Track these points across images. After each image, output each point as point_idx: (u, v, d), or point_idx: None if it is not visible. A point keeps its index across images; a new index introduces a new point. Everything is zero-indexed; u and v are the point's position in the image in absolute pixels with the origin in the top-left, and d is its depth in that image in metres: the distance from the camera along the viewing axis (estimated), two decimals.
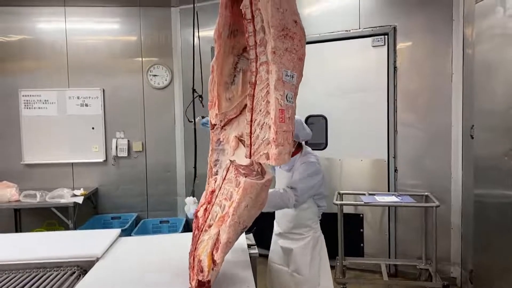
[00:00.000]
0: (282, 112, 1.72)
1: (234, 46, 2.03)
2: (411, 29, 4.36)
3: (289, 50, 1.75)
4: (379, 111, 4.49)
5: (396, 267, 4.52)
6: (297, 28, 1.78)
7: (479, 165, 3.67)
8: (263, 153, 1.77)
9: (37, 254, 2.26)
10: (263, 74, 1.77)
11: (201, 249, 1.77)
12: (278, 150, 1.71)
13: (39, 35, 5.42)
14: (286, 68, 1.74)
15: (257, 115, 1.80)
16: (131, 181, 5.60)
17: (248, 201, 1.74)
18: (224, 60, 2.02)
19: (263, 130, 1.77)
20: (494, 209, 3.40)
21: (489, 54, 3.51)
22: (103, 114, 5.50)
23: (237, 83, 2.05)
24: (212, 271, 1.71)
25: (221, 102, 2.03)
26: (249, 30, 1.78)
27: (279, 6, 1.72)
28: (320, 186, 2.72)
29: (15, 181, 4.96)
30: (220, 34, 1.95)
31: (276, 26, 1.71)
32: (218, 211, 1.81)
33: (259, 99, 1.79)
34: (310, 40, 4.85)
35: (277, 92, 1.71)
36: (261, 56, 1.77)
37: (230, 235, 1.72)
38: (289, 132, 1.75)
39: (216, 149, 2.07)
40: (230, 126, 2.06)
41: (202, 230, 1.84)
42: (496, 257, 3.37)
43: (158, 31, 5.59)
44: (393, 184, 4.48)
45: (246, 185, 1.73)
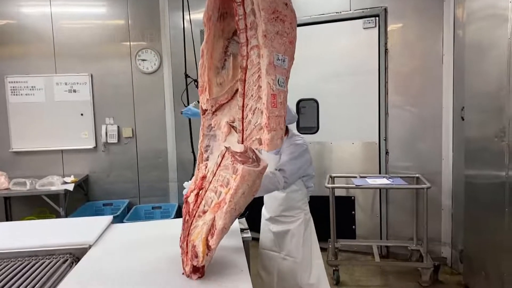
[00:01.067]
0: (274, 97, 1.69)
1: (224, 29, 1.99)
2: (402, 10, 4.34)
3: (280, 33, 1.72)
4: (370, 93, 4.49)
5: (388, 248, 4.58)
6: (287, 11, 1.75)
7: (470, 147, 3.69)
8: (256, 138, 1.75)
9: (29, 242, 2.25)
10: (254, 58, 1.74)
11: (195, 235, 1.77)
12: (271, 135, 1.70)
13: (24, 19, 5.30)
14: (277, 51, 1.71)
15: (249, 100, 1.78)
16: (122, 167, 5.57)
17: (245, 188, 1.74)
18: (214, 44, 1.98)
19: (255, 115, 1.75)
20: (484, 190, 3.44)
21: (479, 35, 3.51)
22: (92, 100, 5.42)
23: (228, 68, 2.02)
24: (206, 256, 1.71)
25: (212, 87, 1.99)
26: (239, 13, 1.75)
27: None
28: (308, 167, 2.72)
29: (4, 169, 4.90)
30: (209, 17, 1.91)
31: (267, 9, 1.67)
32: (213, 197, 1.80)
33: (250, 83, 1.76)
34: (300, 23, 4.79)
35: (268, 76, 1.68)
36: (252, 40, 1.74)
37: (226, 221, 1.72)
38: (281, 117, 1.74)
39: (207, 135, 2.05)
40: (221, 111, 2.03)
41: (194, 215, 1.83)
42: (485, 237, 3.42)
43: (146, 14, 5.49)
44: (384, 166, 4.50)
45: (244, 172, 1.71)
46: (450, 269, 4.23)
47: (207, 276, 1.78)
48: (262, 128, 1.71)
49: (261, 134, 1.72)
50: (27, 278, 1.85)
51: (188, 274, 1.75)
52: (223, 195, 1.75)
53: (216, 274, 1.81)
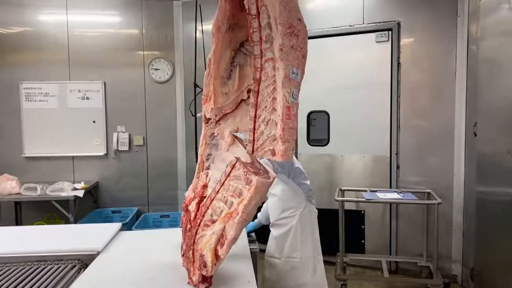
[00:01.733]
0: (289, 109, 1.72)
1: (232, 40, 2.02)
2: (415, 25, 4.33)
3: (295, 47, 1.75)
4: (382, 107, 4.47)
5: (397, 264, 4.52)
6: (301, 26, 1.79)
7: (482, 163, 3.65)
8: (268, 149, 1.77)
9: (38, 247, 2.26)
10: (269, 71, 1.77)
11: (202, 244, 1.76)
12: (285, 147, 1.72)
13: (41, 27, 5.39)
14: (292, 65, 1.74)
15: (262, 111, 1.80)
16: (132, 175, 5.59)
17: (257, 200, 1.74)
18: (221, 54, 2.00)
19: (268, 126, 1.78)
20: (496, 207, 3.39)
21: (493, 51, 3.49)
22: (104, 108, 5.47)
23: (234, 78, 2.04)
24: (215, 266, 1.70)
25: (217, 96, 2.02)
26: (254, 26, 1.78)
27: (286, 4, 1.72)
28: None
29: (16, 173, 4.95)
30: (219, 27, 1.94)
31: (284, 24, 1.71)
32: (223, 207, 1.79)
33: (264, 95, 1.79)
34: (313, 35, 4.85)
35: (284, 89, 1.71)
36: (267, 53, 1.78)
37: (237, 232, 1.71)
38: (294, 129, 1.76)
39: (209, 144, 2.06)
40: (225, 121, 2.05)
41: (199, 224, 1.83)
42: (497, 255, 3.36)
43: (160, 24, 5.56)
44: (395, 180, 4.46)
45: (258, 183, 1.71)
46: (461, 287, 4.15)
47: (214, 286, 1.77)
48: (276, 139, 1.73)
49: (274, 145, 1.74)
50: (35, 283, 1.85)
51: (196, 284, 1.74)
52: (235, 205, 1.74)
53: (223, 284, 1.81)
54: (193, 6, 5.36)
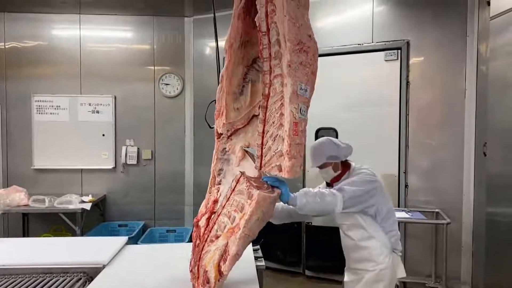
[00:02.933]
0: (296, 125, 1.73)
1: (244, 57, 2.05)
2: (424, 43, 4.35)
3: (304, 64, 1.77)
4: (391, 125, 4.46)
5: (405, 284, 4.44)
6: (311, 42, 1.81)
7: (492, 183, 3.61)
8: (275, 165, 1.77)
9: (44, 259, 2.27)
10: (277, 87, 1.79)
11: (207, 260, 1.76)
12: (292, 163, 1.72)
13: (54, 41, 5.49)
14: (300, 81, 1.76)
15: (270, 126, 1.81)
16: (140, 189, 5.60)
17: (260, 215, 1.73)
18: (233, 70, 2.03)
19: (275, 142, 1.78)
20: (507, 228, 3.34)
21: (503, 71, 3.48)
22: (114, 121, 5.52)
23: (246, 94, 2.06)
24: (218, 282, 1.70)
25: (229, 111, 2.03)
26: (264, 43, 1.80)
27: (295, 21, 1.75)
28: (374, 196, 2.38)
29: (25, 185, 4.98)
30: (231, 44, 1.98)
31: (292, 40, 1.73)
32: (226, 222, 1.79)
33: (272, 111, 1.80)
34: (322, 53, 4.83)
35: (291, 105, 1.73)
36: (276, 69, 1.79)
37: (240, 248, 1.71)
38: (301, 145, 1.77)
39: (221, 159, 2.08)
40: (237, 136, 2.06)
41: (206, 240, 1.83)
42: (507, 277, 3.30)
43: (171, 40, 5.63)
44: (403, 199, 4.42)
45: (260, 198, 1.72)
46: None
47: None
48: (283, 155, 1.73)
49: (281, 161, 1.74)
50: None
51: None
52: (237, 220, 1.74)
53: None
54: (204, 23, 5.45)
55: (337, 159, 2.52)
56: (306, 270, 4.85)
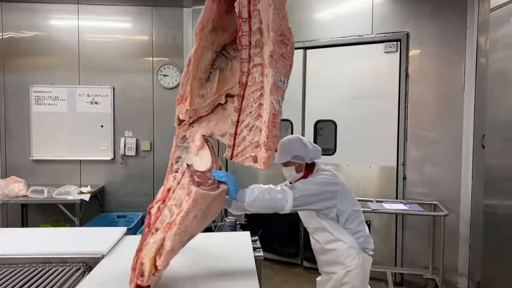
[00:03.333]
0: (275, 116, 1.72)
1: (214, 42, 1.98)
2: (424, 36, 4.33)
3: (284, 55, 1.76)
4: (390, 117, 4.46)
5: (402, 275, 4.47)
6: (290, 35, 1.80)
7: (490, 175, 3.62)
8: (250, 155, 1.74)
9: (43, 249, 2.27)
10: (257, 76, 1.75)
11: (145, 252, 1.72)
12: (268, 154, 1.70)
13: (52, 32, 5.45)
14: (280, 73, 1.74)
15: (246, 116, 1.78)
16: (138, 180, 5.60)
17: (198, 212, 1.69)
18: (202, 55, 1.95)
19: (252, 132, 1.75)
20: (504, 220, 3.35)
21: (503, 64, 3.47)
22: (113, 113, 5.51)
23: (212, 81, 2.00)
24: (153, 277, 1.66)
25: (193, 98, 1.96)
26: (244, 30, 1.76)
27: (279, 11, 1.71)
28: (332, 199, 2.26)
29: (23, 176, 4.98)
30: (202, 28, 1.89)
31: (276, 30, 1.70)
32: (167, 215, 1.75)
33: (250, 100, 1.77)
34: (321, 44, 4.88)
35: (272, 96, 1.70)
36: (256, 58, 1.76)
37: (175, 244, 1.67)
38: (277, 137, 1.76)
39: (180, 146, 2.01)
40: (199, 124, 2.00)
41: (151, 230, 1.79)
42: (504, 269, 3.32)
43: (169, 31, 5.60)
44: (402, 191, 4.44)
45: (197, 195, 1.67)
46: None
47: None
48: (259, 146, 1.70)
49: (257, 151, 1.71)
50: (40, 284, 1.86)
51: None
52: (174, 216, 1.70)
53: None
54: None
55: (302, 160, 2.36)
56: (304, 261, 4.88)
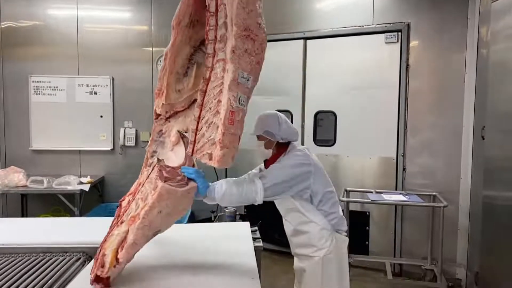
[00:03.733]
0: (233, 114, 1.68)
1: (192, 37, 1.97)
2: (425, 26, 4.31)
3: (249, 52, 1.71)
4: (390, 108, 4.45)
5: (401, 266, 4.50)
6: (259, 31, 1.74)
7: (489, 167, 3.63)
8: (207, 152, 1.72)
9: (43, 239, 2.28)
10: (219, 72, 1.73)
11: (108, 243, 1.72)
12: (223, 152, 1.67)
13: (50, 21, 5.41)
14: (243, 69, 1.70)
15: (206, 112, 1.75)
16: (138, 170, 5.43)
17: (163, 207, 1.67)
18: (179, 49, 1.94)
19: (210, 129, 1.73)
20: (503, 212, 3.36)
21: (504, 55, 3.46)
22: (112, 103, 5.49)
23: (190, 76, 1.99)
24: (113, 269, 1.66)
25: (170, 92, 1.95)
26: (211, 24, 1.74)
27: (245, 6, 1.67)
28: (305, 180, 2.22)
29: (23, 166, 4.97)
30: (179, 21, 1.88)
31: (239, 25, 1.67)
32: (133, 208, 1.75)
33: (210, 96, 1.74)
34: (322, 35, 4.85)
35: (230, 92, 1.67)
36: (219, 53, 1.73)
37: (137, 238, 1.66)
38: (236, 135, 1.72)
39: (156, 140, 2.01)
40: (175, 119, 1.99)
41: (117, 223, 1.79)
42: (503, 260, 3.34)
43: (169, 21, 5.50)
44: (401, 182, 4.45)
45: (162, 190, 1.66)
46: None
47: (218, 282, 1.78)
48: (215, 143, 1.68)
49: (213, 149, 1.69)
50: (40, 273, 1.87)
51: (91, 282, 1.70)
52: (138, 210, 1.69)
53: (226, 280, 1.81)
54: None
55: (273, 137, 2.28)
56: None
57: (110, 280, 1.68)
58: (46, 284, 1.77)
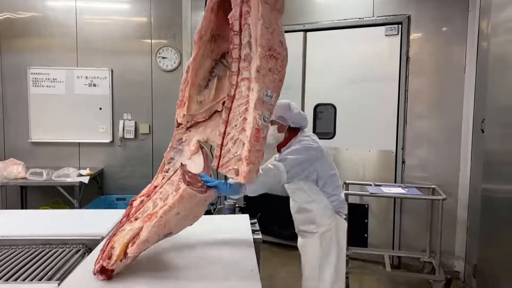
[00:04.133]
0: (258, 131, 1.75)
1: (214, 50, 2.04)
2: (425, 19, 4.29)
3: (272, 70, 1.78)
4: (389, 101, 4.44)
5: (400, 258, 4.52)
6: (281, 49, 1.81)
7: (489, 160, 3.63)
8: (233, 168, 1.79)
9: (43, 230, 2.28)
10: (244, 90, 1.79)
11: (118, 237, 1.75)
12: (249, 168, 1.74)
13: (49, 12, 5.38)
14: (267, 87, 1.77)
15: (232, 129, 1.82)
16: (137, 163, 5.60)
17: (181, 210, 1.72)
18: (201, 63, 2.02)
19: (235, 145, 1.80)
20: (502, 205, 3.36)
21: (504, 48, 3.44)
22: (111, 95, 5.47)
23: (211, 88, 2.06)
24: (119, 262, 1.68)
25: (191, 103, 2.03)
26: (235, 43, 1.80)
27: (268, 26, 1.74)
28: (313, 165, 2.41)
29: (22, 158, 4.97)
30: (201, 36, 1.96)
31: (264, 46, 1.73)
32: (149, 207, 1.79)
33: (236, 113, 1.81)
34: (322, 27, 4.83)
35: (256, 111, 1.74)
36: (244, 72, 1.79)
37: (151, 235, 1.70)
38: (261, 151, 1.80)
39: (175, 148, 2.08)
40: (196, 129, 2.06)
41: (129, 219, 1.83)
42: (501, 253, 3.34)
43: (168, 13, 5.53)
44: (400, 175, 4.45)
45: (185, 193, 1.71)
46: (463, 283, 4.15)
47: (217, 274, 1.79)
48: (242, 160, 1.75)
49: (239, 165, 1.76)
50: (40, 265, 1.88)
51: (95, 272, 1.72)
52: (157, 209, 1.74)
53: (226, 272, 1.81)
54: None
55: (285, 121, 2.50)
56: None
57: (113, 273, 1.70)
58: (46, 276, 1.77)
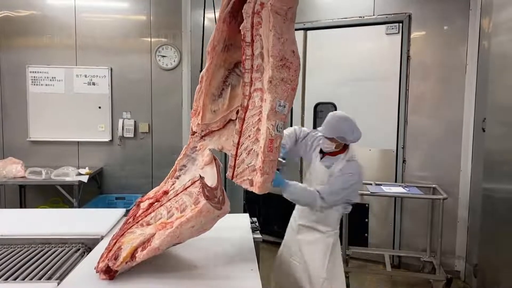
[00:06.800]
0: (272, 142, 1.76)
1: (226, 60, 2.05)
2: (426, 17, 4.28)
3: (285, 80, 1.78)
4: (390, 100, 4.43)
5: (400, 258, 4.51)
6: (294, 58, 1.82)
7: (490, 159, 3.62)
8: (247, 178, 1.81)
9: (42, 230, 2.27)
10: (257, 101, 1.80)
11: (127, 239, 1.75)
12: (263, 179, 1.76)
13: (48, 11, 5.35)
14: (280, 98, 1.77)
15: (245, 139, 1.83)
16: (137, 162, 5.58)
17: (197, 223, 1.72)
18: (214, 72, 2.02)
19: (249, 155, 1.81)
20: (503, 204, 3.36)
21: (506, 47, 3.44)
22: (110, 94, 5.45)
23: (224, 97, 2.06)
24: (125, 264, 1.68)
25: (206, 113, 2.04)
26: (247, 54, 1.81)
27: (280, 36, 1.74)
28: (352, 194, 2.66)
29: (21, 157, 4.95)
30: (214, 47, 1.96)
31: (276, 56, 1.74)
32: (164, 215, 1.79)
33: (249, 124, 1.82)
34: (322, 26, 4.81)
35: (269, 122, 1.75)
36: (256, 82, 1.80)
37: (163, 244, 1.70)
38: (274, 161, 1.81)
39: (188, 155, 2.08)
40: (210, 137, 2.06)
41: (138, 221, 1.83)
42: (502, 252, 3.34)
43: (168, 11, 5.50)
44: (401, 175, 4.44)
45: (204, 208, 1.70)
46: (463, 283, 4.15)
47: (217, 272, 1.78)
48: (256, 170, 1.76)
49: (253, 175, 1.77)
50: (39, 264, 1.87)
51: (98, 270, 1.72)
52: (173, 218, 1.73)
53: (226, 271, 1.80)
54: None
55: (344, 141, 2.63)
56: None
57: (116, 274, 1.70)
58: (45, 275, 1.76)
